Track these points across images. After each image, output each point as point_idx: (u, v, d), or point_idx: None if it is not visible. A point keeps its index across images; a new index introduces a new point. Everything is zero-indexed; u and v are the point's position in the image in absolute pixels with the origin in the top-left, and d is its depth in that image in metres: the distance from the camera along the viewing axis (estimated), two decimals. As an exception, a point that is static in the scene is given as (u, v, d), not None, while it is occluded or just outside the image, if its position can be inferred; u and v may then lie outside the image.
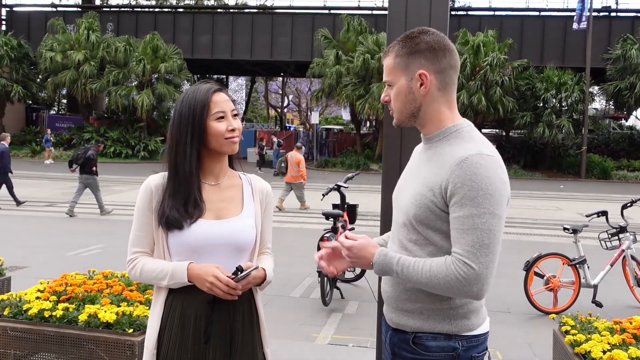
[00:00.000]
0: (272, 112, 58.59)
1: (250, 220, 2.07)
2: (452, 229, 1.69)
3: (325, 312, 6.23)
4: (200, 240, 1.96)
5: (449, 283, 1.66)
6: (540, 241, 10.64)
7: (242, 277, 1.89)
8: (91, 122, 32.35)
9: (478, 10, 35.39)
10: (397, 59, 1.82)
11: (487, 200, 1.64)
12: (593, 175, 27.50)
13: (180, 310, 1.97)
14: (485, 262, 1.64)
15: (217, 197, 2.04)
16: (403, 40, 1.83)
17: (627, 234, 6.67)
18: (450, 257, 1.69)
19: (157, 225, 1.99)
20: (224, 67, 41.29)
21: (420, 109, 1.82)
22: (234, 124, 2.00)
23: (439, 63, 1.79)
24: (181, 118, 1.99)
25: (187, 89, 2.09)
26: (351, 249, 1.82)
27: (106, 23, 34.14)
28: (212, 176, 2.06)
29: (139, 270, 2.00)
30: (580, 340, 3.37)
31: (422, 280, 1.70)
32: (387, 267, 1.77)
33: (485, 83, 26.74)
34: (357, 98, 27.65)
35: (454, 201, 1.68)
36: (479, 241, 1.64)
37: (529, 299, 6.31)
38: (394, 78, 1.84)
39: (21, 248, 8.79)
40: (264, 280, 2.04)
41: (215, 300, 1.95)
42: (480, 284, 1.65)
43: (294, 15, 34.36)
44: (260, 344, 2.10)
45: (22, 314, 3.53)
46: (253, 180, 2.17)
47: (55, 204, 13.80)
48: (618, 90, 28.23)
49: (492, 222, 1.65)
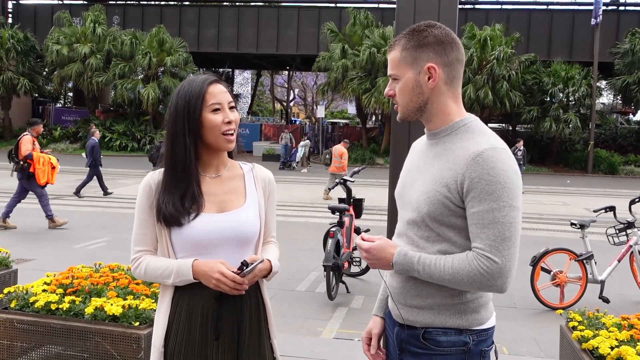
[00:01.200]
0: (278, 106, 58.56)
1: (254, 211, 2.05)
2: (471, 224, 1.68)
3: (330, 306, 6.23)
4: (203, 235, 1.94)
5: (473, 278, 1.66)
6: (547, 236, 10.61)
7: (248, 271, 1.88)
8: (97, 115, 32.41)
9: (485, 3, 35.16)
10: (403, 52, 1.80)
11: (506, 194, 1.64)
12: (600, 171, 27.38)
13: (187, 306, 1.96)
14: (507, 255, 1.65)
15: (219, 189, 2.02)
16: (410, 33, 1.81)
17: (635, 229, 6.63)
18: (472, 253, 1.68)
19: (158, 222, 1.97)
20: (229, 61, 41.25)
21: (427, 102, 1.80)
22: (230, 116, 1.96)
23: (446, 56, 1.77)
24: (177, 111, 1.95)
25: (183, 81, 2.06)
26: (370, 251, 1.81)
27: (112, 16, 34.15)
28: (212, 168, 2.03)
29: (144, 269, 1.98)
30: (588, 336, 3.35)
31: (445, 277, 1.70)
32: (408, 266, 1.75)
33: (492, 77, 26.61)
34: (363, 92, 27.59)
35: (471, 196, 1.66)
36: (501, 234, 1.64)
37: (536, 295, 6.29)
38: (400, 71, 1.81)
39: (28, 241, 8.83)
40: (270, 271, 2.03)
41: (222, 296, 1.93)
42: (504, 277, 1.65)
43: (300, 9, 34.26)
44: (268, 335, 2.09)
45: (28, 306, 3.54)
46: (255, 168, 2.14)
47: (62, 197, 13.85)
48: (626, 85, 28.04)
49: (512, 215, 1.65)
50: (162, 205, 1.93)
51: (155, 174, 2.02)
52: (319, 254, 7.53)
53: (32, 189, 9.81)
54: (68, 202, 13.14)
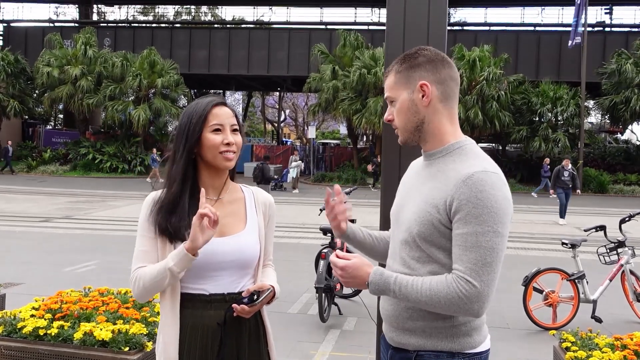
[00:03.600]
0: (269, 127, 58.68)
1: (254, 235, 2.06)
2: (455, 246, 1.68)
3: (323, 328, 6.18)
4: (205, 258, 1.92)
5: (450, 301, 1.64)
6: (539, 255, 10.61)
7: (259, 301, 1.93)
8: (88, 137, 32.32)
9: (473, 25, 35.65)
10: (397, 75, 1.84)
11: (492, 219, 1.64)
12: (590, 189, 27.52)
13: (191, 327, 1.95)
14: (487, 280, 1.63)
15: (219, 212, 2.00)
16: (402, 58, 1.86)
17: (626, 248, 6.65)
18: (451, 275, 1.67)
19: (161, 240, 1.96)
20: (221, 82, 41.42)
21: (424, 122, 1.81)
22: (230, 138, 1.97)
23: (438, 74, 1.80)
24: (180, 129, 1.99)
25: (192, 101, 2.09)
26: (345, 269, 1.79)
27: (103, 38, 34.26)
28: (212, 191, 2.04)
29: (142, 283, 1.91)
30: (582, 357, 3.34)
31: (421, 299, 1.68)
32: (384, 286, 1.74)
33: (481, 97, 26.85)
34: (354, 113, 27.72)
35: (457, 217, 1.66)
36: (482, 259, 1.63)
37: (528, 315, 6.27)
38: (395, 93, 1.84)
39: (16, 264, 8.73)
40: (274, 297, 2.04)
41: (225, 322, 1.94)
42: (481, 302, 1.64)
43: (290, 31, 34.57)
44: (268, 356, 2.10)
45: (16, 332, 3.48)
46: (255, 192, 2.15)
47: (51, 219, 13.73)
48: (613, 105, 28.36)
49: (496, 241, 1.64)
50: (162, 220, 1.94)
51: (157, 193, 2.03)
52: (310, 276, 7.49)
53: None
54: (57, 225, 13.02)
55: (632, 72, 27.45)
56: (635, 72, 27.50)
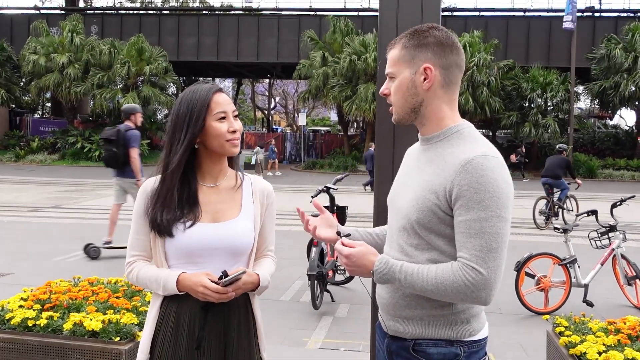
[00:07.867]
0: (259, 114, 58.47)
1: (249, 222, 2.03)
2: (458, 233, 1.64)
3: (315, 315, 6.16)
4: (195, 244, 1.93)
5: (457, 289, 1.61)
6: (531, 241, 10.65)
7: (227, 282, 1.86)
8: (76, 126, 32.06)
9: (463, 11, 35.51)
10: (403, 50, 1.76)
11: (495, 203, 1.59)
12: (579, 174, 27.65)
13: (175, 314, 1.95)
14: (493, 266, 1.59)
15: (215, 198, 2.00)
16: (411, 33, 1.77)
17: (617, 232, 6.67)
18: (457, 263, 1.63)
19: (151, 230, 1.97)
20: (210, 69, 41.12)
21: (421, 105, 1.76)
22: (235, 125, 1.97)
23: (445, 59, 1.73)
24: (178, 117, 1.95)
25: (186, 89, 2.04)
26: (350, 257, 1.75)
27: (90, 26, 33.87)
28: (210, 178, 2.02)
29: (135, 277, 2.01)
30: (575, 341, 3.34)
31: (427, 287, 1.65)
32: (389, 275, 1.70)
33: (472, 83, 26.88)
34: (344, 99, 27.67)
35: (459, 204, 1.62)
36: (487, 245, 1.59)
37: (520, 300, 6.28)
38: (397, 70, 1.77)
39: (5, 254, 8.64)
40: (258, 285, 1.99)
41: (208, 306, 1.92)
42: (489, 289, 1.60)
43: (280, 17, 34.30)
44: (258, 349, 2.07)
45: (4, 323, 3.43)
46: (253, 180, 2.13)
47: (40, 209, 13.62)
48: (603, 90, 28.48)
49: (500, 226, 1.60)
50: (156, 214, 1.93)
51: (152, 181, 2.00)
52: (302, 263, 7.47)
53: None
54: (46, 214, 12.92)
55: (621, 57, 27.55)
56: (625, 57, 27.61)
